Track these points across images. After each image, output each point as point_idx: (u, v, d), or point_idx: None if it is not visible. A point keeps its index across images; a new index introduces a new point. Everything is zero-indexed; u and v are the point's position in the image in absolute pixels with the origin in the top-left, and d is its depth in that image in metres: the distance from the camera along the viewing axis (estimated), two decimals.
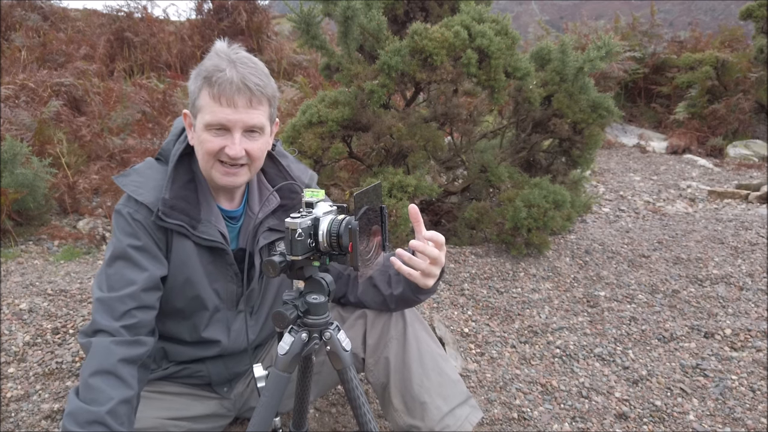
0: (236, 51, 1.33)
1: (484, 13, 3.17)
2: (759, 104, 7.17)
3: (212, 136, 1.30)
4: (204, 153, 1.33)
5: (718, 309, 2.71)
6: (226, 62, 1.29)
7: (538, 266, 3.12)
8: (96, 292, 1.31)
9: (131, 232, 1.33)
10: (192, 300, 1.44)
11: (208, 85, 1.28)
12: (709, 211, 4.59)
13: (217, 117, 1.28)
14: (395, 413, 1.47)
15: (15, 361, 2.14)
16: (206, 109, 1.29)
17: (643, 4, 9.82)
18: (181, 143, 1.40)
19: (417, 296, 1.44)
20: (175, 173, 1.37)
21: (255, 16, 7.27)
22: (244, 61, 1.30)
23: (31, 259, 3.37)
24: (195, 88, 1.32)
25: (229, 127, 1.30)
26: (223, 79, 1.26)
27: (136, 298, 1.29)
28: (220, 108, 1.28)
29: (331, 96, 3.30)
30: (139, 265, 1.32)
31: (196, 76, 1.32)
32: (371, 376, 1.53)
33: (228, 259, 1.43)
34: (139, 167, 1.41)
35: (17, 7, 7.20)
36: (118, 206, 1.37)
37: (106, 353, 1.23)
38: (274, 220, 1.47)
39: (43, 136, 4.19)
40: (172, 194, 1.34)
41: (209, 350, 1.51)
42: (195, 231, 1.37)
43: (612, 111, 3.45)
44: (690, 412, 2.01)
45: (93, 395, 1.19)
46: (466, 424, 1.44)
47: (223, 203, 1.46)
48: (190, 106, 1.35)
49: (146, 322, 1.32)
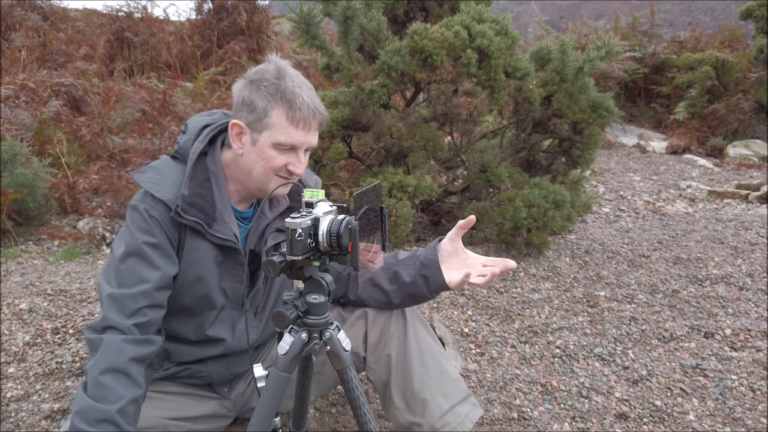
0: (297, 72, 1.38)
1: (484, 13, 3.17)
2: (759, 104, 7.17)
3: (278, 153, 1.35)
4: (267, 168, 1.37)
5: (718, 309, 2.71)
6: (296, 86, 1.34)
7: (538, 266, 3.12)
8: (105, 287, 1.30)
9: (147, 229, 1.33)
10: (200, 298, 1.44)
11: (288, 108, 1.32)
12: (709, 211, 4.59)
13: (291, 139, 1.34)
14: (396, 411, 1.48)
15: (15, 361, 2.14)
16: (280, 130, 1.33)
17: (643, 4, 9.82)
18: (200, 143, 1.41)
19: (431, 293, 1.48)
20: (194, 171, 1.38)
21: (255, 16, 7.26)
22: (305, 83, 1.37)
23: (31, 259, 3.37)
24: (265, 105, 1.33)
25: (298, 147, 1.36)
26: (303, 105, 1.32)
27: (148, 296, 1.29)
28: (296, 131, 1.34)
29: (331, 96, 3.30)
30: (153, 263, 1.32)
31: (268, 94, 1.33)
32: (372, 374, 1.54)
33: (239, 258, 1.44)
34: (155, 164, 1.42)
35: (17, 7, 7.19)
36: (133, 202, 1.36)
37: (118, 351, 1.23)
38: (282, 222, 1.47)
39: (43, 136, 4.18)
40: (191, 191, 1.35)
41: (213, 349, 1.52)
42: (210, 229, 1.38)
43: (612, 111, 3.45)
44: (690, 412, 2.01)
45: (103, 393, 1.19)
46: (466, 422, 1.45)
47: (236, 204, 1.48)
48: (252, 120, 1.35)
49: (156, 320, 1.33)
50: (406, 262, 1.50)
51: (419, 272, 1.46)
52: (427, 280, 1.45)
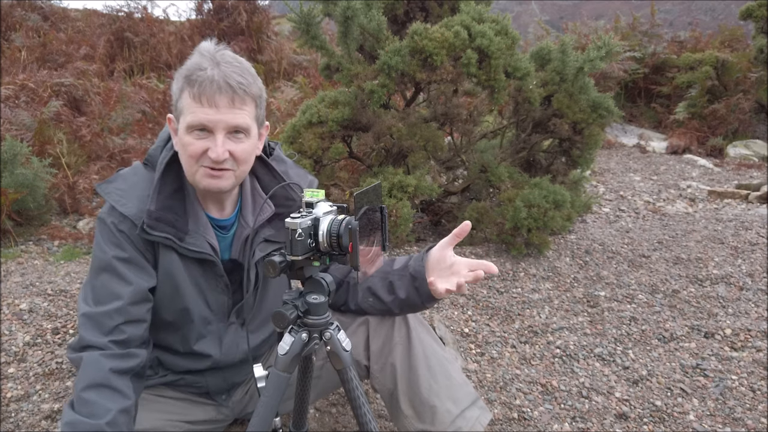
0: (221, 50, 1.27)
1: (484, 13, 3.17)
2: (759, 104, 7.17)
3: (194, 138, 1.24)
4: (187, 157, 1.27)
5: (718, 309, 2.71)
6: (208, 61, 1.23)
7: (538, 266, 3.12)
8: (82, 306, 1.27)
9: (116, 243, 1.28)
10: (181, 312, 1.39)
11: (188, 84, 1.22)
12: (709, 211, 4.59)
13: (198, 118, 1.22)
14: (405, 419, 1.45)
15: (15, 361, 2.14)
16: (187, 110, 1.23)
17: (643, 4, 9.82)
18: (168, 150, 1.34)
19: (425, 303, 1.43)
20: (162, 182, 1.31)
21: (255, 16, 7.26)
22: (228, 60, 1.25)
23: (31, 259, 3.37)
24: (177, 89, 1.26)
25: (212, 128, 1.23)
26: (204, 78, 1.20)
27: (123, 312, 1.26)
28: (201, 108, 1.22)
29: (331, 96, 3.30)
30: (125, 278, 1.28)
31: (177, 77, 1.26)
32: (377, 383, 1.51)
33: (217, 270, 1.39)
34: (125, 173, 1.36)
35: (17, 7, 7.19)
36: (101, 214, 1.31)
37: (97, 367, 1.21)
38: (270, 230, 1.41)
39: (43, 136, 4.18)
40: (158, 205, 1.28)
41: (201, 363, 1.48)
42: (182, 243, 1.31)
43: (612, 111, 3.45)
44: (690, 412, 2.01)
45: (90, 409, 1.17)
46: (477, 426, 1.43)
47: (213, 212, 1.40)
48: (173, 109, 1.29)
49: (136, 335, 1.29)
50: (400, 273, 1.44)
51: (411, 284, 1.41)
52: (418, 291, 1.41)
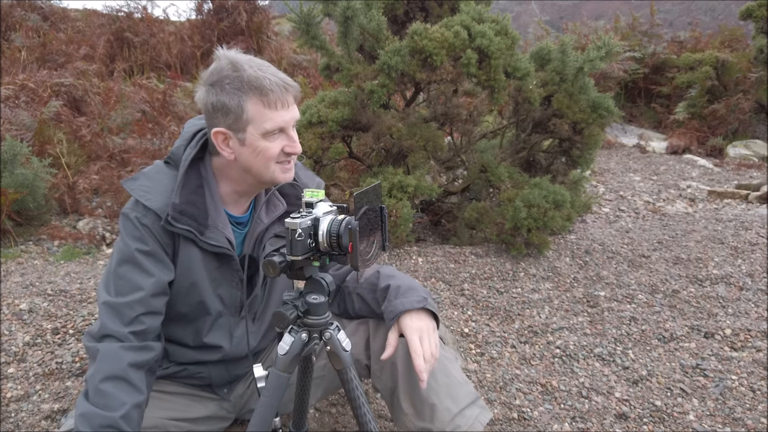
0: (249, 56, 1.35)
1: (484, 13, 3.17)
2: (759, 104, 7.17)
3: (271, 142, 1.33)
4: (266, 160, 1.34)
5: (718, 309, 2.71)
6: (257, 69, 1.31)
7: (538, 266, 3.12)
8: (103, 294, 1.31)
9: (139, 236, 1.33)
10: (196, 305, 1.44)
11: (260, 95, 1.29)
12: (709, 211, 4.59)
13: (276, 122, 1.31)
14: (405, 417, 1.47)
15: (15, 361, 2.14)
16: (261, 119, 1.30)
17: (643, 4, 9.83)
18: (193, 148, 1.39)
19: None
20: (186, 178, 1.36)
21: (255, 16, 7.27)
22: (260, 62, 1.34)
23: (31, 260, 3.37)
24: (237, 102, 1.29)
25: (285, 127, 1.34)
26: (270, 85, 1.29)
27: (144, 303, 1.30)
28: (277, 113, 1.31)
29: (331, 96, 3.30)
30: (147, 270, 1.32)
31: (234, 90, 1.29)
32: (378, 382, 1.54)
33: (234, 265, 1.44)
34: (148, 171, 1.41)
35: (17, 7, 7.19)
36: (125, 209, 1.36)
37: (116, 359, 1.24)
38: (281, 227, 1.46)
39: (43, 136, 4.18)
40: (182, 199, 1.34)
41: (211, 355, 1.52)
42: (202, 237, 1.37)
43: (612, 111, 3.45)
44: (690, 412, 2.01)
45: (105, 401, 1.20)
46: (476, 424, 1.44)
47: (231, 209, 1.46)
48: (232, 122, 1.31)
49: (154, 327, 1.34)
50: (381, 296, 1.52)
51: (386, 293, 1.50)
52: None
